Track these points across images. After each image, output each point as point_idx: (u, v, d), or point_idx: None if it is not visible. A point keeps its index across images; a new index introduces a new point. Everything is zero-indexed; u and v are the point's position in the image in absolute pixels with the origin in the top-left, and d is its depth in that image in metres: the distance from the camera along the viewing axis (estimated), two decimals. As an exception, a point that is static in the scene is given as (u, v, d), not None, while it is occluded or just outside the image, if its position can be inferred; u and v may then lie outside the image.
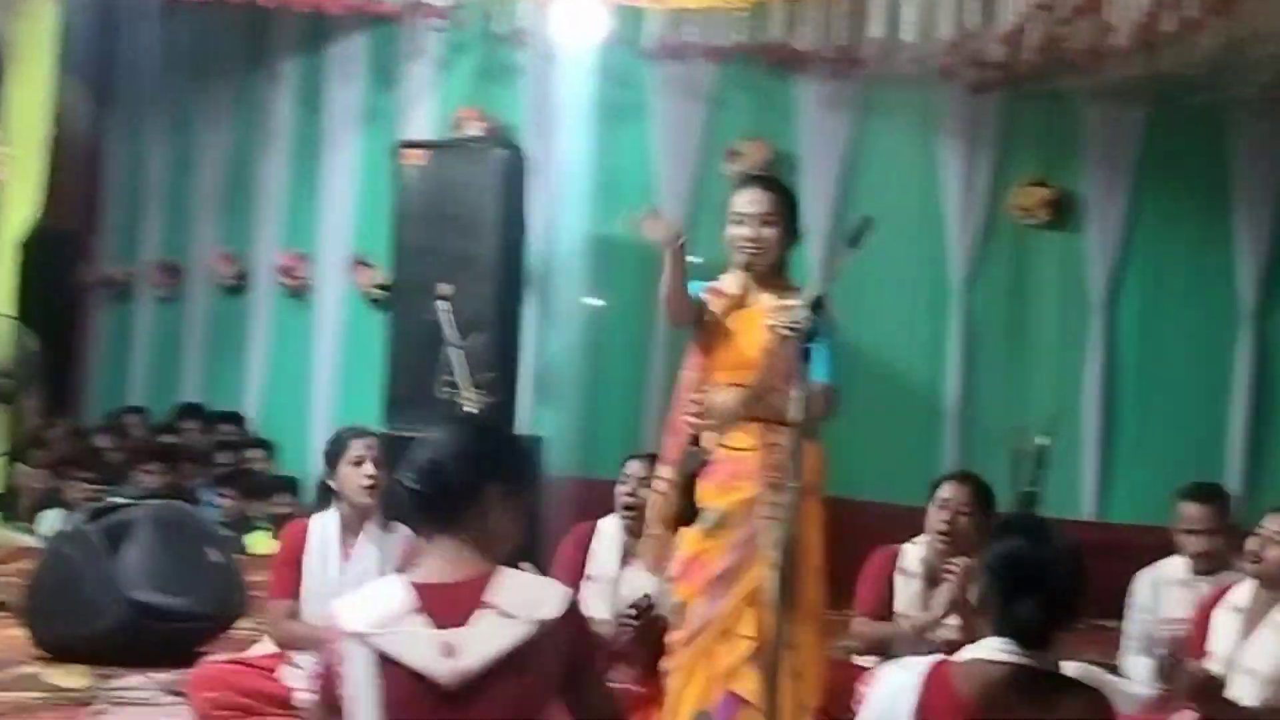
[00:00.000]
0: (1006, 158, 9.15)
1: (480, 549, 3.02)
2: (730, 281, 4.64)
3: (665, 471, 4.60)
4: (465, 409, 6.31)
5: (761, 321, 4.43)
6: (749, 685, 4.29)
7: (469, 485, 3.03)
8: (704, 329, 4.63)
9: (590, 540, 5.61)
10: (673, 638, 4.50)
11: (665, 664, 4.53)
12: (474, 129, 9.27)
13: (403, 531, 5.12)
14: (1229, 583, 5.16)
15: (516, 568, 3.11)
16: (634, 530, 5.41)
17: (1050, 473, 6.45)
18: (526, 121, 9.37)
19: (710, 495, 4.45)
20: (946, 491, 5.53)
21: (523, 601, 2.96)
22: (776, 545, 4.11)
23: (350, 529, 5.17)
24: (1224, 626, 4.82)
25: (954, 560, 5.27)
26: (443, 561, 3.01)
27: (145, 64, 10.56)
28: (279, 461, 9.58)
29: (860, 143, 9.24)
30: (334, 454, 5.13)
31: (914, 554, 5.49)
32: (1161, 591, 5.69)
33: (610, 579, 5.48)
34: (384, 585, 3.05)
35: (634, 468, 5.54)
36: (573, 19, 7.96)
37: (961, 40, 7.97)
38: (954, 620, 5.09)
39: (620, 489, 5.53)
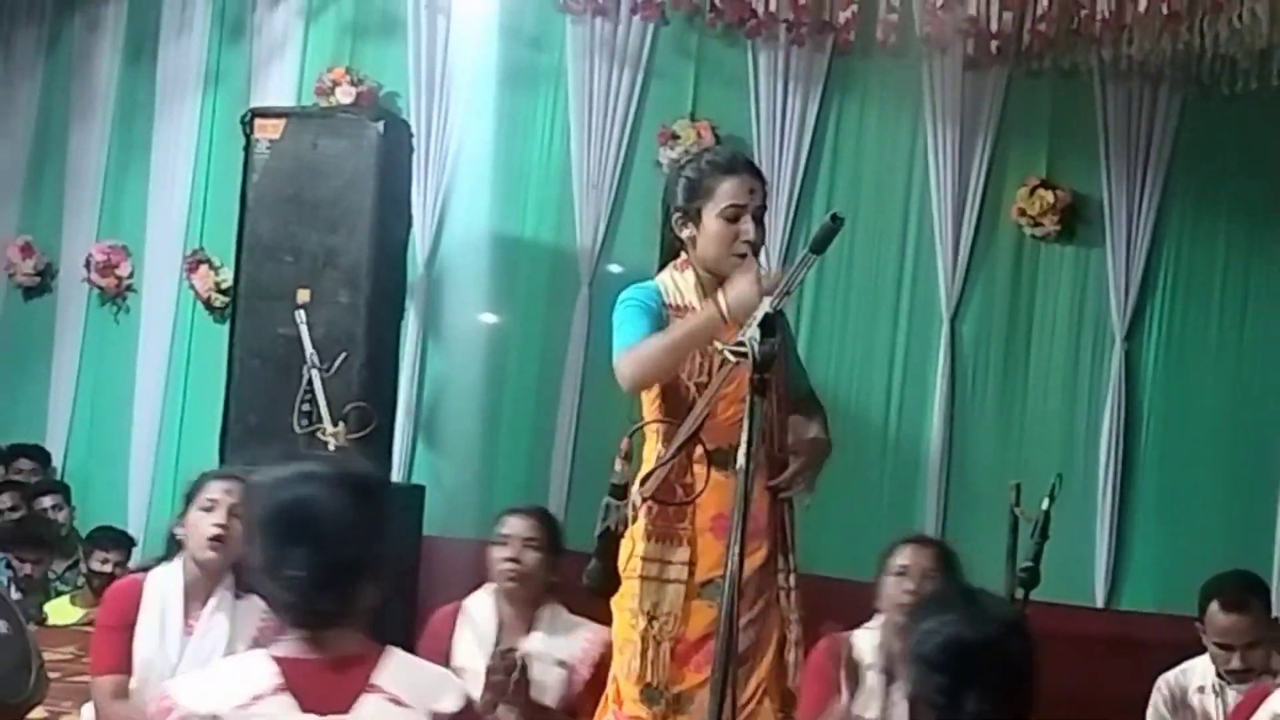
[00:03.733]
0: (1008, 152, 9.24)
1: (358, 622, 3.10)
2: (690, 292, 4.63)
3: None
4: (327, 447, 6.30)
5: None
6: None
7: (363, 563, 3.11)
8: None
9: (453, 628, 5.70)
10: None
11: None
12: (344, 95, 9.26)
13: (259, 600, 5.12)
14: (1266, 687, 5.24)
15: None
16: (517, 601, 5.60)
17: (1052, 544, 6.49)
18: (410, 88, 9.38)
19: (716, 556, 4.45)
20: (906, 557, 5.56)
21: (417, 689, 3.06)
22: (800, 622, 4.56)
23: (196, 591, 5.17)
24: None
25: None
26: (314, 634, 3.05)
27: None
28: (90, 509, 9.48)
29: (828, 129, 9.31)
30: (188, 496, 5.18)
31: (868, 641, 5.51)
32: (1189, 700, 5.78)
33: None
34: (238, 661, 3.08)
35: (516, 525, 5.65)
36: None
37: (955, 3, 8.06)
38: None
39: (498, 553, 5.61)
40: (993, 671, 3.08)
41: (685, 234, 4.59)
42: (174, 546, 5.34)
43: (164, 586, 5.14)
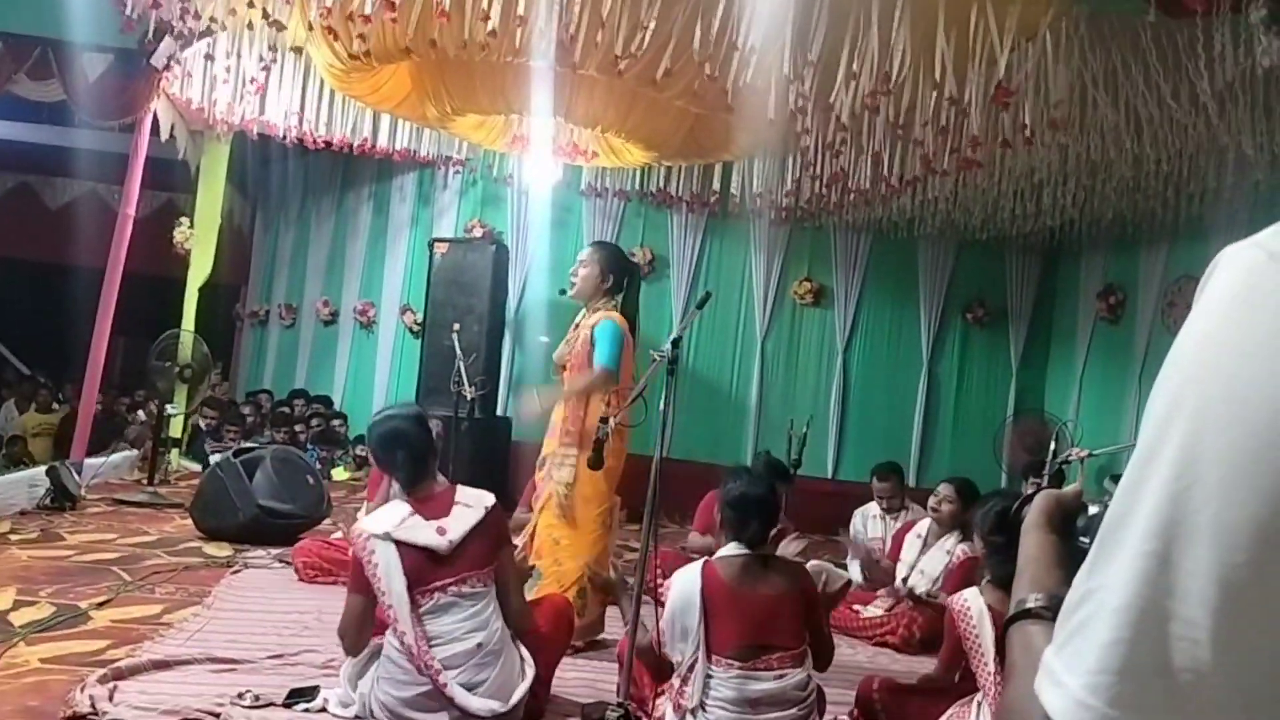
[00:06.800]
0: (790, 264, 9.25)
1: (434, 474, 3.13)
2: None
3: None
4: (467, 398, 6.33)
5: (580, 334, 4.42)
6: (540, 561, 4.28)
7: (433, 448, 3.18)
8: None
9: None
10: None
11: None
12: (477, 233, 9.29)
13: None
14: (910, 520, 5.36)
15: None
16: None
17: (808, 448, 6.58)
18: (509, 228, 9.33)
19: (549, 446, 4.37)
20: (759, 464, 5.54)
21: (476, 498, 3.08)
22: (561, 481, 4.24)
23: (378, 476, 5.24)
24: (910, 545, 5.03)
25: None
26: (420, 487, 3.10)
27: (281, 182, 10.45)
28: (351, 425, 9.46)
29: (706, 252, 9.29)
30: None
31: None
32: (867, 523, 5.90)
33: None
34: (392, 505, 3.09)
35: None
36: (538, 170, 8.02)
37: (765, 192, 8.17)
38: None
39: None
40: (760, 508, 3.09)
41: None
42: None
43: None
